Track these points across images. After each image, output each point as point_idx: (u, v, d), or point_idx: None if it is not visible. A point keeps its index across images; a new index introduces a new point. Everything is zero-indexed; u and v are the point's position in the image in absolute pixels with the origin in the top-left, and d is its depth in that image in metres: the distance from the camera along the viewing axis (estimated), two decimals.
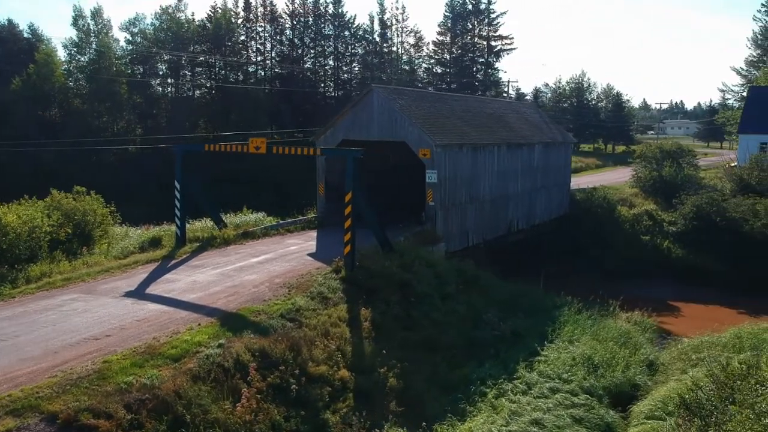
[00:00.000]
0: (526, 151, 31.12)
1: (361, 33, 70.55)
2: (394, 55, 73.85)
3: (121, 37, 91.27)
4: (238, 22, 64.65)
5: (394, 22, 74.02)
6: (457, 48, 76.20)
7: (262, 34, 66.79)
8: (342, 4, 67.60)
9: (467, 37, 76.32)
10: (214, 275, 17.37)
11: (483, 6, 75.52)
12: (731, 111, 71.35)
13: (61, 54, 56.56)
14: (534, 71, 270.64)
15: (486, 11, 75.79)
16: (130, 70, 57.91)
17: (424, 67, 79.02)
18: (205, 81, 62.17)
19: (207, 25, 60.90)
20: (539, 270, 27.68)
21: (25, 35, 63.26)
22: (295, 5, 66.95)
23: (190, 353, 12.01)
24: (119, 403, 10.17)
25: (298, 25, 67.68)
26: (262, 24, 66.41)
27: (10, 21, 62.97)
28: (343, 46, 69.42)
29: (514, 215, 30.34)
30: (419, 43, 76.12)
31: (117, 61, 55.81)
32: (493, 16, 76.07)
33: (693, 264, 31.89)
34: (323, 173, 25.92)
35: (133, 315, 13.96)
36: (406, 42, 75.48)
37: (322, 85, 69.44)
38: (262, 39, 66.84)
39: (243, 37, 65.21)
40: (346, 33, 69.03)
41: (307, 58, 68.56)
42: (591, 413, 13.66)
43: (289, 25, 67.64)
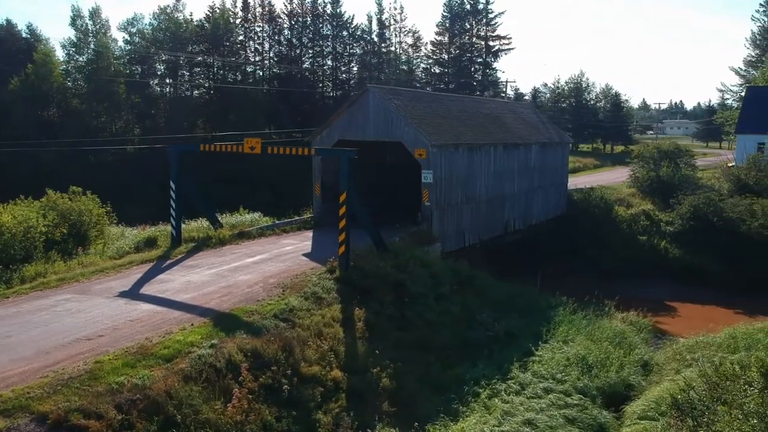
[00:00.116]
0: (522, 151, 31.13)
1: (359, 33, 70.65)
2: (392, 55, 73.85)
3: (119, 37, 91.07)
4: (237, 22, 64.74)
5: (392, 22, 74.17)
6: (455, 48, 76.23)
7: (260, 34, 66.88)
8: (340, 4, 67.78)
9: (465, 37, 76.36)
10: (208, 275, 17.36)
11: (481, 6, 75.63)
12: (730, 111, 71.38)
13: (60, 54, 56.70)
14: (534, 71, 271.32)
15: (484, 11, 75.87)
16: (129, 70, 57.95)
17: (422, 67, 79.15)
18: (204, 81, 62.21)
19: (205, 25, 60.95)
20: (536, 270, 27.68)
21: (24, 35, 63.26)
22: (293, 5, 67.12)
23: (182, 353, 12.00)
24: (110, 404, 10.16)
25: (297, 25, 67.74)
26: (261, 24, 66.55)
27: (9, 21, 63.08)
28: (342, 46, 69.47)
29: (510, 215, 30.34)
30: (417, 44, 76.28)
31: (115, 61, 55.87)
32: (491, 16, 76.26)
33: (690, 264, 31.89)
34: (319, 173, 25.94)
35: (126, 315, 13.95)
36: (404, 42, 75.68)
37: (321, 85, 69.49)
38: (261, 39, 66.93)
39: (241, 37, 65.34)
40: (345, 33, 69.07)
41: (305, 58, 68.63)
42: (584, 413, 13.67)
43: (287, 25, 67.77)
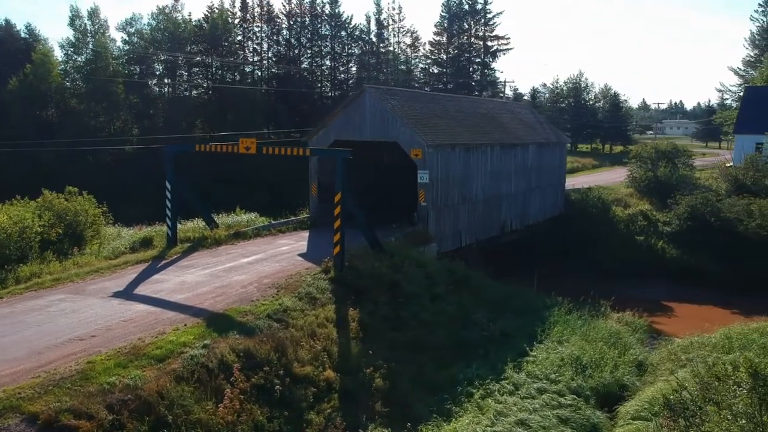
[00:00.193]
0: (519, 152, 31.13)
1: (357, 33, 70.66)
2: (390, 55, 73.83)
3: (117, 37, 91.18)
4: (235, 22, 64.78)
5: (391, 22, 74.13)
6: (453, 48, 76.24)
7: (258, 34, 66.94)
8: (339, 4, 67.84)
9: (463, 38, 76.38)
10: (203, 276, 17.36)
11: (479, 6, 75.66)
12: (728, 111, 71.40)
13: (58, 54, 56.75)
14: (533, 71, 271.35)
15: (482, 11, 75.88)
16: (127, 71, 57.96)
17: (421, 68, 79.12)
18: (202, 81, 62.21)
19: (204, 25, 60.98)
20: (533, 270, 27.70)
21: (23, 35, 63.26)
22: (292, 5, 67.20)
23: (174, 354, 12.01)
24: (101, 404, 10.16)
25: (295, 26, 67.76)
26: (259, 24, 66.60)
27: (8, 21, 63.09)
28: (340, 46, 69.50)
29: (507, 215, 30.34)
30: (416, 44, 76.32)
31: (114, 61, 55.91)
32: (489, 16, 76.27)
33: (687, 264, 31.89)
34: (316, 173, 25.94)
35: (120, 315, 13.95)
36: (402, 42, 75.66)
37: (319, 85, 69.50)
38: (259, 39, 66.96)
39: (240, 37, 65.35)
40: (343, 33, 69.15)
41: (303, 58, 68.65)
42: (577, 414, 13.65)
43: (285, 26, 67.80)
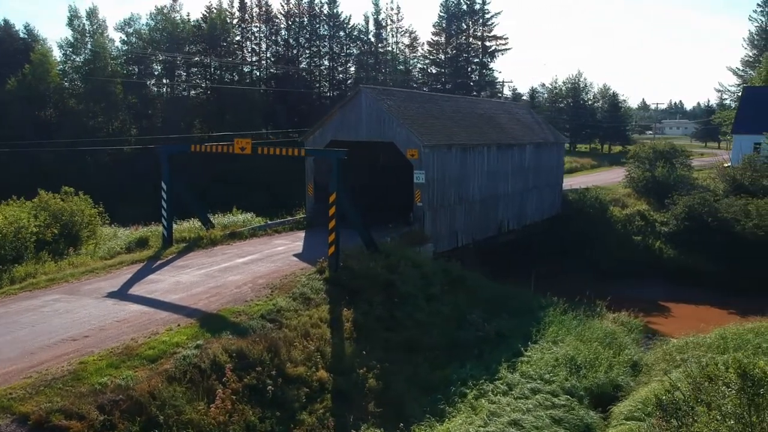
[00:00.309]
0: (517, 152, 31.13)
1: (356, 33, 70.67)
2: (389, 55, 73.83)
3: (116, 38, 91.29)
4: (233, 22, 64.76)
5: (389, 22, 74.12)
6: (452, 48, 76.23)
7: (257, 35, 67.01)
8: (337, 4, 67.83)
9: (462, 38, 76.37)
10: (198, 276, 17.35)
11: (477, 6, 75.66)
12: (727, 111, 71.42)
13: (57, 54, 56.76)
14: (533, 71, 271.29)
15: (480, 11, 75.87)
16: (126, 71, 57.96)
17: (419, 68, 79.13)
18: (200, 81, 62.20)
19: (202, 25, 61.01)
20: (530, 270, 27.69)
21: (21, 35, 63.30)
22: (290, 5, 67.21)
23: (167, 354, 12.00)
24: (92, 404, 10.15)
25: (294, 26, 67.76)
26: (258, 24, 66.60)
27: (6, 21, 63.18)
28: (338, 46, 69.50)
29: (504, 216, 30.34)
30: (414, 44, 76.29)
31: (112, 62, 55.93)
32: (487, 16, 76.24)
33: (684, 264, 31.90)
34: (312, 174, 25.96)
35: (114, 316, 13.94)
36: (401, 42, 75.62)
37: (318, 85, 69.49)
38: (258, 39, 67.03)
39: (238, 38, 65.34)
40: (341, 33, 69.15)
41: (302, 58, 68.64)
42: (570, 414, 13.66)
43: (284, 26, 67.80)
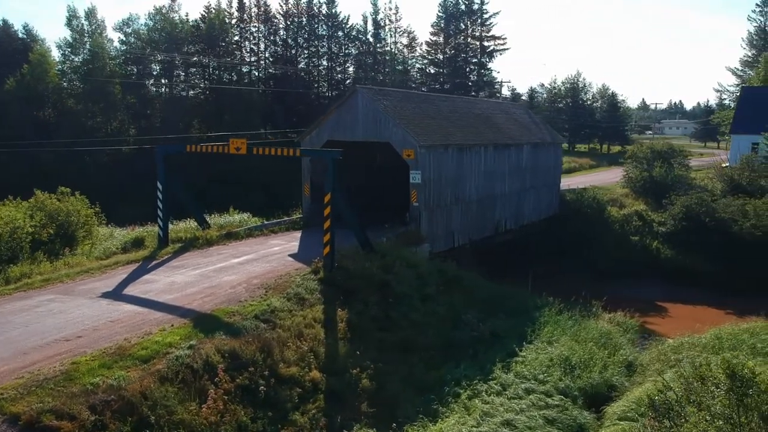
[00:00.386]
0: (514, 152, 31.13)
1: (354, 33, 70.59)
2: (387, 55, 73.81)
3: (115, 38, 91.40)
4: (232, 22, 64.67)
5: (388, 22, 74.03)
6: (450, 48, 76.18)
7: (255, 35, 66.86)
8: (335, 4, 67.70)
9: (460, 38, 76.31)
10: (193, 276, 17.36)
11: (476, 6, 75.61)
12: (726, 111, 71.44)
13: (55, 54, 56.70)
14: (532, 71, 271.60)
15: (479, 11, 75.82)
16: (124, 71, 57.91)
17: (418, 68, 79.09)
18: (199, 81, 62.17)
19: (201, 25, 60.94)
20: (527, 270, 27.67)
21: (20, 35, 63.24)
22: (289, 5, 67.08)
23: (159, 354, 12.00)
24: (84, 405, 10.15)
25: (292, 26, 67.70)
26: (256, 24, 66.46)
27: (5, 21, 63.01)
28: (337, 46, 69.42)
29: (501, 216, 30.34)
30: (412, 44, 76.20)
31: (111, 62, 55.82)
32: (485, 16, 76.19)
33: (682, 264, 31.94)
34: (308, 174, 25.97)
35: (107, 316, 13.94)
36: (399, 42, 75.57)
37: (316, 85, 69.41)
38: (256, 39, 66.93)
39: (237, 38, 65.23)
40: (340, 33, 69.05)
41: (300, 58, 68.56)
42: (564, 414, 13.65)
43: (282, 26, 67.70)
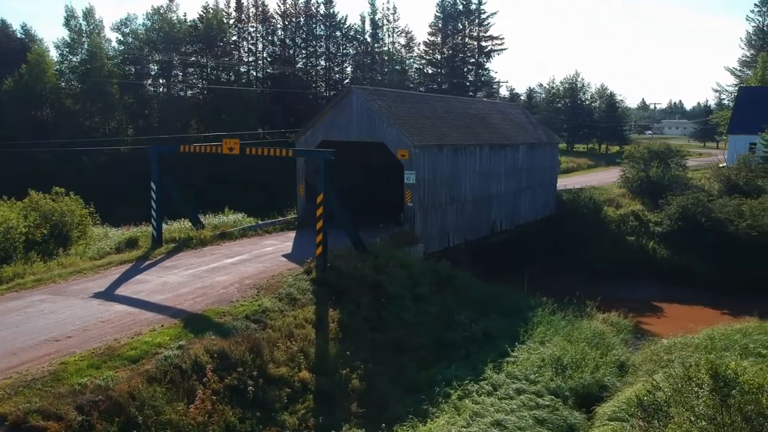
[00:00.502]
0: (510, 152, 31.13)
1: (352, 33, 70.55)
2: (385, 55, 73.81)
3: (112, 38, 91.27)
4: (230, 22, 64.65)
5: (385, 22, 74.01)
6: (448, 48, 76.13)
7: (253, 35, 66.79)
8: (333, 4, 67.62)
9: (458, 38, 76.25)
10: (185, 276, 17.36)
11: (473, 6, 75.60)
12: (724, 111, 71.45)
13: (53, 54, 56.71)
14: (531, 71, 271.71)
15: (476, 12, 75.81)
16: (122, 71, 57.91)
17: (416, 68, 79.02)
18: (197, 81, 62.18)
19: (199, 25, 60.88)
20: (523, 271, 27.68)
21: (18, 35, 63.27)
22: (287, 6, 67.01)
23: (149, 354, 12.02)
24: (71, 405, 10.16)
25: (290, 26, 67.66)
26: (254, 24, 66.41)
27: (3, 21, 63.06)
28: (335, 46, 69.40)
29: (497, 216, 30.34)
30: (410, 44, 76.09)
31: (108, 62, 55.80)
32: (483, 16, 76.11)
33: (678, 264, 31.90)
34: (303, 174, 25.98)
35: (98, 316, 13.96)
36: (397, 42, 75.53)
37: (314, 85, 69.38)
38: (254, 39, 66.84)
39: (234, 38, 65.19)
40: (338, 33, 69.01)
41: (298, 58, 68.55)
42: (554, 414, 13.66)
43: (280, 26, 67.63)
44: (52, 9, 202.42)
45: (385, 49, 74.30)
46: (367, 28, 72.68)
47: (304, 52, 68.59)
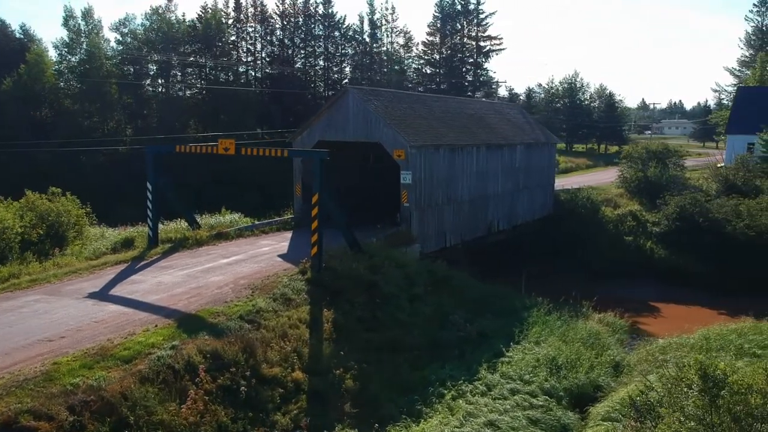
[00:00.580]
0: (507, 152, 31.12)
1: (351, 33, 70.58)
2: (384, 55, 73.80)
3: (111, 38, 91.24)
4: (229, 22, 64.65)
5: (384, 22, 74.05)
6: (446, 48, 76.16)
7: (252, 35, 66.79)
8: (332, 4, 67.63)
9: (456, 38, 76.30)
10: (180, 276, 17.36)
11: (472, 6, 75.60)
12: (723, 111, 71.46)
13: (52, 54, 56.69)
14: (530, 71, 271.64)
15: (475, 11, 75.84)
16: (121, 71, 57.91)
17: (414, 68, 79.03)
18: (196, 81, 62.17)
19: (197, 25, 60.87)
20: (521, 271, 27.69)
21: (17, 35, 63.25)
22: (285, 6, 67.01)
23: (142, 355, 12.01)
24: (62, 405, 10.16)
25: (289, 26, 67.66)
26: (253, 24, 66.42)
27: (2, 21, 63.04)
28: (333, 46, 69.39)
29: (494, 216, 30.34)
30: (409, 44, 76.18)
31: (107, 62, 55.81)
32: (482, 16, 76.23)
33: (675, 265, 31.92)
34: (300, 174, 25.99)
35: (92, 316, 13.95)
36: (395, 42, 75.58)
37: (312, 85, 69.38)
38: (253, 39, 66.83)
39: (233, 38, 65.20)
40: (336, 33, 69.02)
41: (297, 58, 68.54)
42: (548, 415, 13.65)
43: (279, 26, 67.64)
44: (51, 9, 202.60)
45: (384, 49, 74.36)
46: (366, 28, 72.85)
47: (302, 52, 68.59)
